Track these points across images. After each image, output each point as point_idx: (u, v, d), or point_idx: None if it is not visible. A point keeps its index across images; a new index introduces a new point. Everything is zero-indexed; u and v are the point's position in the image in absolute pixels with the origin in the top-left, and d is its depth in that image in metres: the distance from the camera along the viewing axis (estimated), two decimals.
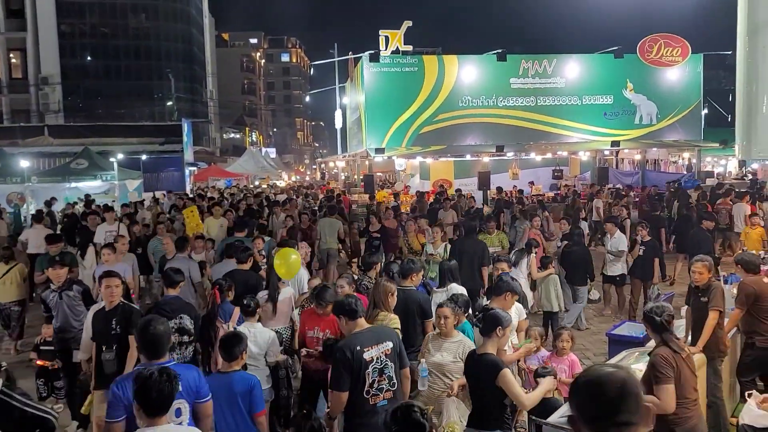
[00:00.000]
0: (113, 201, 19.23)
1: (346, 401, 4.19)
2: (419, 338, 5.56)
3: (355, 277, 7.40)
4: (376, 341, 4.31)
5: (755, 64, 3.99)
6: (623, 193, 19.59)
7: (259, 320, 5.94)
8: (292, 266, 6.91)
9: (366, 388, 4.19)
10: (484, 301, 6.57)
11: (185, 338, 5.73)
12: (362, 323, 4.45)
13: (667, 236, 13.08)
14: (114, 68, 57.80)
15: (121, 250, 8.63)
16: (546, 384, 4.40)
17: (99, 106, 50.41)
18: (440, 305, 5.12)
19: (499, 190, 20.36)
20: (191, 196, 23.61)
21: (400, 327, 5.28)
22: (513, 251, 9.38)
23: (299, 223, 12.71)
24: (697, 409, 4.26)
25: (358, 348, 4.21)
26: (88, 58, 56.55)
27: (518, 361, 5.62)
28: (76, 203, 18.28)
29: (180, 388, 3.40)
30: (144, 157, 27.03)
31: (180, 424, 3.69)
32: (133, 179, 22.50)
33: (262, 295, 6.55)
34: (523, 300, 6.66)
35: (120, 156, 24.68)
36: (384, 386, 4.27)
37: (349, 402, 4.19)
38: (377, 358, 4.26)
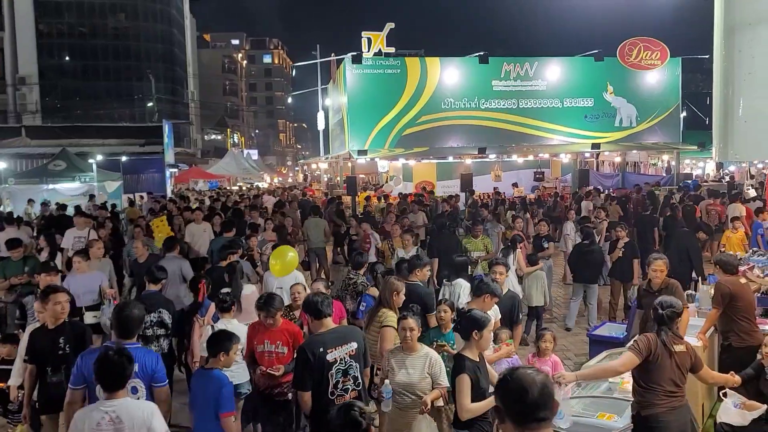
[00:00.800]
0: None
1: (310, 400, 4.26)
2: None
3: (351, 275, 7.43)
4: (340, 342, 4.35)
5: (731, 67, 4.03)
6: (613, 195, 19.77)
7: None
8: (288, 264, 6.86)
9: (330, 389, 4.25)
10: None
11: (162, 332, 5.98)
12: (328, 323, 4.45)
13: (659, 236, 13.25)
14: (93, 68, 57.18)
15: (96, 255, 8.16)
16: (490, 400, 4.15)
17: (77, 106, 49.83)
18: (404, 317, 4.69)
19: (471, 192, 20.40)
20: (172, 197, 23.39)
21: (395, 324, 5.27)
22: (500, 249, 9.46)
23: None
24: (670, 403, 4.34)
25: (321, 349, 4.25)
26: (67, 58, 55.89)
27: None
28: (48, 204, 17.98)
29: (136, 369, 3.89)
30: (124, 158, 26.77)
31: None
32: (113, 181, 22.25)
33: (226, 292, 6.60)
34: (516, 301, 6.62)
35: (99, 157, 24.44)
36: (349, 386, 4.34)
37: (315, 402, 4.24)
38: (341, 359, 4.31)
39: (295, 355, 4.92)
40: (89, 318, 7.02)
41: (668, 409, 4.32)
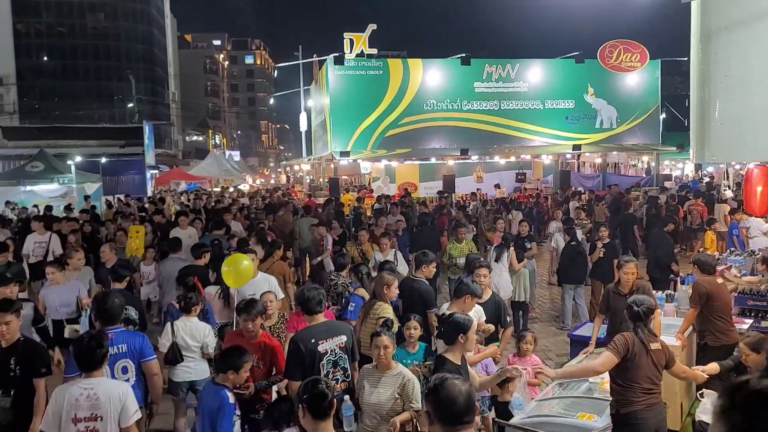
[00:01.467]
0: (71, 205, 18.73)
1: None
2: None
3: (332, 277, 7.41)
4: (330, 334, 4.60)
5: (707, 70, 4.09)
6: (600, 195, 19.93)
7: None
8: (242, 274, 6.42)
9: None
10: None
11: (130, 328, 5.93)
12: (319, 318, 4.68)
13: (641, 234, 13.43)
14: (71, 68, 56.50)
15: (76, 266, 7.60)
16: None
17: (56, 107, 49.21)
18: (377, 333, 4.45)
19: (441, 194, 20.34)
20: (152, 199, 23.13)
21: (391, 315, 5.56)
22: (493, 247, 9.49)
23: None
24: (648, 400, 4.41)
25: (312, 341, 4.48)
26: (45, 58, 55.20)
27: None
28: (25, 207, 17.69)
29: (125, 349, 4.60)
30: (103, 159, 26.49)
31: (127, 380, 4.54)
32: (92, 182, 21.97)
33: (213, 290, 6.77)
34: (501, 304, 6.65)
35: (78, 158, 24.17)
36: (339, 377, 4.55)
37: None
38: (331, 351, 4.54)
39: (274, 371, 4.96)
40: (69, 332, 6.54)
41: (646, 407, 4.39)
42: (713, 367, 5.08)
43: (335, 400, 3.21)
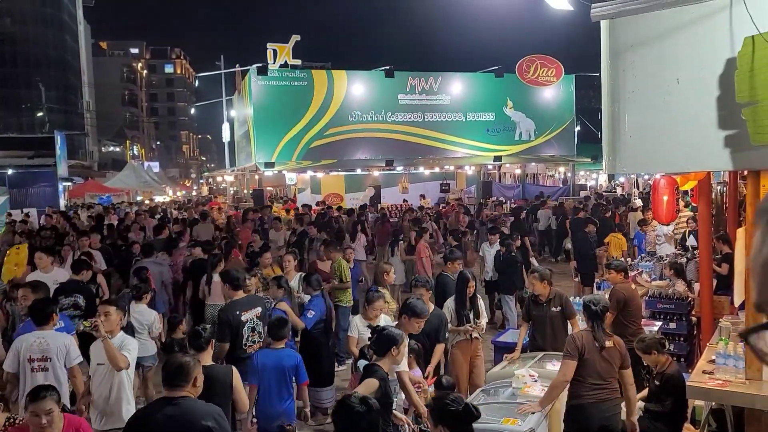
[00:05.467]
0: None
1: (227, 350, 5.55)
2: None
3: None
4: (250, 306, 5.80)
5: (617, 85, 4.33)
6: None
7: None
8: None
9: (243, 341, 5.67)
10: None
11: (77, 312, 6.91)
12: (241, 294, 5.85)
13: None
14: None
15: None
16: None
17: None
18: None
19: (306, 207, 19.64)
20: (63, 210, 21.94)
21: (390, 299, 6.60)
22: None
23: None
24: (597, 395, 4.59)
25: (237, 312, 5.66)
26: None
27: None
28: None
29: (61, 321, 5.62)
30: (10, 171, 25.00)
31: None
32: None
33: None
34: (443, 319, 6.66)
35: None
36: (255, 340, 5.77)
37: (231, 351, 5.58)
38: (250, 319, 5.73)
39: None
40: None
41: (594, 401, 4.58)
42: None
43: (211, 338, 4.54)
